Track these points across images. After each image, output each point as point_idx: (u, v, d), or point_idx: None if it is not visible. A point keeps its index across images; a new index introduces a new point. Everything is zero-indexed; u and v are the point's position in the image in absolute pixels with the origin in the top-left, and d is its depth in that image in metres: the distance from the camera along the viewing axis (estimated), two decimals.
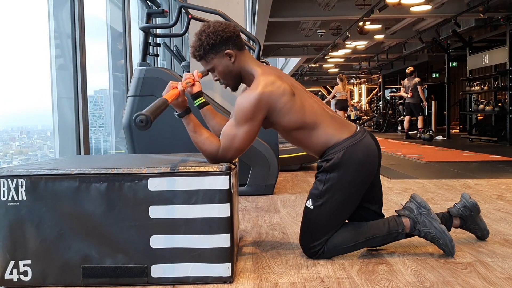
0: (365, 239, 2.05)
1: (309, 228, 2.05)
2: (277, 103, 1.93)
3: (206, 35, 1.93)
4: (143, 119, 1.63)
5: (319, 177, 2.03)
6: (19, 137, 4.18)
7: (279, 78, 1.97)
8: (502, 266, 1.91)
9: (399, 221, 2.07)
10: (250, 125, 1.92)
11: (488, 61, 9.83)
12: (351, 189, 2.02)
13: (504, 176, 4.63)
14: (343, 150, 1.98)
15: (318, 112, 2.03)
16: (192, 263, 1.78)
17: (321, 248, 2.02)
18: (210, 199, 1.78)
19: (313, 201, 2.03)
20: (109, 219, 1.78)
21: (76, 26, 3.45)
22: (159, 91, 3.66)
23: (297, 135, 2.04)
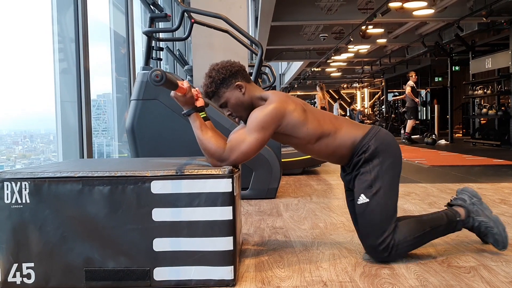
0: (431, 227, 2.06)
1: (372, 222, 2.01)
2: (290, 117, 2.01)
3: (216, 71, 2.05)
4: (158, 74, 1.66)
5: (362, 170, 2.05)
6: (22, 141, 4.19)
7: (290, 97, 2.09)
8: (506, 270, 1.90)
9: (454, 211, 2.12)
10: (261, 134, 1.96)
11: (491, 65, 9.82)
12: (394, 170, 2.08)
13: (508, 180, 4.62)
14: (373, 138, 2.07)
15: (333, 120, 2.12)
16: (195, 266, 1.78)
17: (391, 242, 1.97)
18: (213, 202, 1.78)
19: (366, 194, 2.03)
20: (112, 221, 1.79)
21: (80, 30, 3.47)
22: (162, 95, 3.71)
23: (321, 145, 2.07)
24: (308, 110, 2.07)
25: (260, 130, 1.96)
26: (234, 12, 4.75)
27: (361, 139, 2.07)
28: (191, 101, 1.96)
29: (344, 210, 3.25)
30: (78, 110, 3.47)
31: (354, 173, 2.09)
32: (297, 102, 2.06)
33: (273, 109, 1.98)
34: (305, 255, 2.17)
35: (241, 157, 1.96)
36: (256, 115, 1.98)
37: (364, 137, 2.07)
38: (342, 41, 12.05)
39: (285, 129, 2.02)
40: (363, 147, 2.05)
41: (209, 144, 1.93)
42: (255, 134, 1.95)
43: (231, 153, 1.93)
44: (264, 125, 1.96)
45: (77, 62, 3.47)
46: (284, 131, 2.03)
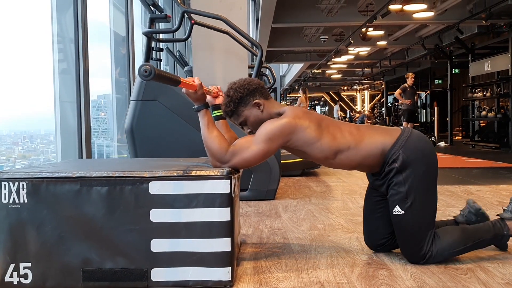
0: (473, 242, 2.04)
1: (410, 233, 2.01)
2: (301, 133, 1.98)
3: (233, 90, 2.06)
4: (147, 69, 1.64)
5: (395, 180, 2.01)
6: (22, 141, 4.20)
7: (306, 113, 2.05)
8: (502, 272, 1.91)
9: (503, 223, 2.09)
10: (267, 145, 1.96)
11: (490, 68, 9.83)
12: (429, 179, 2.04)
13: (506, 182, 4.62)
14: (403, 146, 2.01)
15: (354, 131, 2.06)
16: (192, 267, 1.78)
17: (429, 251, 1.98)
18: (211, 203, 1.78)
19: (401, 205, 2.00)
20: (109, 222, 1.79)
21: (79, 30, 3.48)
22: (161, 96, 3.71)
23: (342, 159, 2.04)
24: (324, 126, 2.03)
25: (266, 141, 1.96)
26: (234, 13, 4.75)
27: (391, 147, 2.01)
28: (203, 97, 1.97)
29: (342, 212, 3.26)
30: (77, 111, 3.48)
31: (387, 182, 2.05)
32: (312, 118, 2.03)
33: (284, 123, 1.98)
34: (303, 256, 2.17)
35: (241, 163, 1.96)
36: (266, 127, 1.99)
37: (394, 144, 2.01)
38: (342, 43, 12.07)
39: (296, 145, 2.01)
40: (393, 156, 2.00)
41: (212, 143, 1.93)
42: (261, 144, 1.96)
43: (233, 157, 1.94)
44: (271, 137, 1.96)
45: (77, 62, 3.48)
46: (295, 146, 2.02)
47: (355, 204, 3.55)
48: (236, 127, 3.63)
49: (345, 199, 3.82)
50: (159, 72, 1.68)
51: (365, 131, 2.09)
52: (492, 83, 10.38)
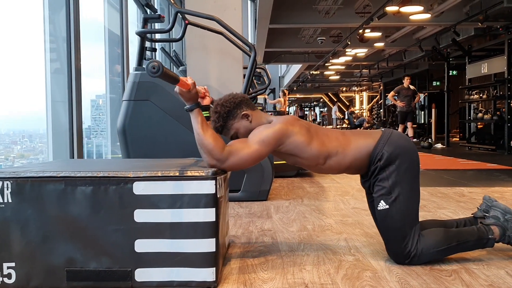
0: (457, 242, 2.06)
1: (395, 229, 2.02)
2: (293, 138, 2.04)
3: (220, 106, 2.12)
4: (155, 65, 1.67)
5: (379, 177, 2.05)
6: (21, 140, 4.19)
7: (296, 120, 2.12)
8: (487, 274, 1.91)
9: (488, 228, 2.11)
10: (261, 147, 2.00)
11: (487, 70, 9.84)
12: (412, 175, 2.07)
13: (499, 184, 4.63)
14: (386, 144, 2.06)
15: (340, 137, 2.12)
16: (177, 268, 1.78)
17: (413, 250, 1.99)
18: (196, 204, 1.79)
19: (385, 200, 2.03)
20: (94, 222, 1.79)
21: (71, 29, 3.47)
22: (154, 96, 3.71)
23: (332, 163, 2.09)
24: (313, 132, 2.09)
25: (261, 143, 2.00)
26: (229, 14, 4.75)
27: (375, 147, 2.06)
28: (195, 97, 1.98)
29: (333, 213, 3.26)
30: (69, 110, 3.47)
31: (372, 180, 2.09)
32: (302, 125, 2.09)
33: (277, 128, 2.03)
34: (290, 257, 2.17)
35: (237, 163, 1.97)
36: (261, 130, 2.04)
37: (377, 144, 2.07)
38: (339, 44, 12.09)
39: (288, 149, 2.06)
40: (378, 155, 2.05)
41: (207, 141, 1.93)
42: (257, 146, 2.00)
43: (230, 156, 1.95)
44: (266, 140, 2.00)
45: (68, 61, 3.47)
46: (286, 150, 2.06)
47: (347, 205, 3.55)
48: None
49: (337, 200, 3.82)
50: (165, 70, 1.72)
51: (350, 136, 2.15)
52: (488, 85, 10.38)
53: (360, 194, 3.93)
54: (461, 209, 3.32)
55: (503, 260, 2.09)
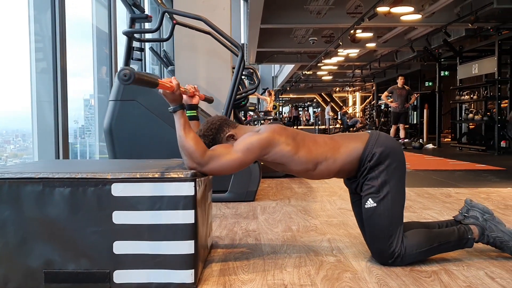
0: (439, 243, 2.08)
1: (378, 226, 2.03)
2: (279, 147, 2.03)
3: (203, 136, 2.13)
4: (127, 73, 1.63)
5: (368, 176, 2.06)
6: (14, 140, 4.17)
7: (283, 129, 2.11)
8: (466, 275, 1.92)
9: (467, 228, 2.13)
10: (245, 155, 1.99)
11: (477, 71, 9.89)
12: (399, 173, 2.09)
13: (486, 185, 4.65)
14: (375, 146, 2.07)
15: (328, 142, 2.12)
16: (155, 269, 1.77)
17: (397, 251, 2.00)
18: (175, 206, 1.78)
19: (373, 199, 2.04)
20: (72, 224, 1.78)
21: (57, 28, 3.45)
22: (140, 96, 3.70)
23: (322, 169, 2.09)
24: (299, 140, 2.08)
25: (245, 151, 1.99)
26: (218, 14, 4.75)
27: (364, 149, 2.07)
28: (179, 98, 1.96)
29: (319, 213, 3.27)
30: (54, 110, 3.45)
31: (360, 180, 2.10)
32: (289, 134, 2.08)
33: (263, 137, 2.02)
34: (272, 258, 2.17)
35: (217, 169, 1.97)
36: (246, 138, 2.04)
37: (366, 146, 2.08)
38: (331, 45, 12.10)
39: (274, 158, 2.05)
40: (368, 156, 2.06)
41: (188, 144, 1.92)
42: (239, 153, 1.99)
43: (210, 161, 1.94)
44: (250, 148, 1.99)
45: (54, 61, 3.45)
46: (273, 160, 2.06)
47: (333, 206, 3.56)
48: None
49: (324, 200, 3.82)
50: (138, 76, 1.68)
51: (339, 140, 2.15)
52: (479, 86, 10.44)
53: (348, 194, 3.93)
54: (447, 210, 3.34)
55: (483, 261, 2.10)
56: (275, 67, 25.76)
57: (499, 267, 2.02)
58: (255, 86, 5.62)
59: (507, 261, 2.10)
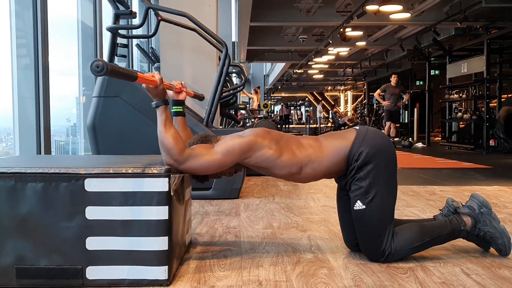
0: (430, 237, 2.07)
1: (370, 228, 2.02)
2: (261, 151, 2.00)
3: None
4: (99, 64, 1.61)
5: (357, 176, 2.03)
6: (6, 138, 4.12)
7: (267, 132, 2.07)
8: (441, 271, 1.92)
9: (460, 219, 2.12)
10: (224, 157, 1.97)
11: (466, 70, 9.94)
12: (389, 173, 2.05)
13: (471, 183, 4.68)
14: (361, 144, 2.03)
15: (313, 143, 2.08)
16: (129, 266, 1.76)
17: (388, 248, 2.00)
18: (148, 202, 1.76)
19: (362, 200, 2.01)
20: (44, 219, 1.75)
21: (38, 24, 3.41)
22: (124, 92, 3.68)
23: (308, 171, 2.05)
24: (283, 143, 2.05)
25: (224, 153, 1.97)
26: (204, 11, 4.75)
27: (351, 148, 2.03)
28: (163, 93, 1.95)
29: (302, 211, 3.26)
30: (36, 106, 3.42)
31: (349, 179, 2.06)
32: (272, 138, 2.05)
33: (245, 141, 1.99)
34: (250, 255, 2.16)
35: (195, 168, 1.95)
36: (228, 140, 2.02)
37: (353, 145, 2.04)
38: (321, 43, 12.11)
39: (257, 162, 2.02)
40: (354, 155, 2.02)
41: (167, 140, 1.91)
42: (219, 155, 1.96)
43: (188, 159, 1.92)
44: (230, 151, 1.97)
45: (35, 57, 3.42)
46: (255, 164, 2.03)
47: (317, 203, 3.56)
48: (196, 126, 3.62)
49: (308, 198, 3.82)
50: (112, 68, 1.65)
51: (323, 141, 2.11)
52: (468, 85, 10.49)
53: (333, 192, 3.94)
54: (429, 207, 3.34)
55: (461, 258, 2.11)
56: (267, 66, 25.76)
57: (476, 263, 2.03)
58: (241, 84, 5.61)
59: (485, 258, 2.10)
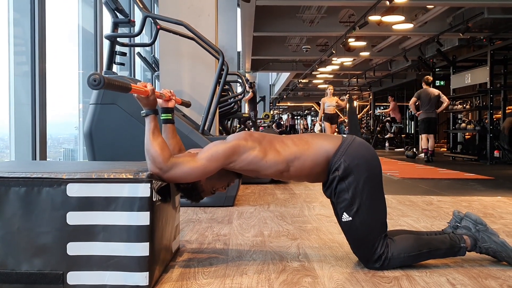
0: (429, 249, 2.06)
1: (360, 238, 2.02)
2: (245, 155, 2.00)
3: None
4: (96, 78, 1.64)
5: (339, 188, 2.02)
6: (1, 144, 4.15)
7: (249, 135, 2.08)
8: (427, 281, 1.89)
9: (460, 236, 2.11)
10: (208, 163, 1.96)
11: (470, 80, 9.91)
12: (373, 182, 2.04)
13: (470, 193, 4.63)
14: (344, 153, 2.03)
15: (297, 142, 2.08)
16: (110, 271, 1.75)
17: (383, 255, 1.99)
18: (130, 207, 1.76)
19: (348, 212, 2.01)
20: (26, 224, 1.75)
21: (36, 32, 3.45)
22: (120, 100, 3.70)
23: (296, 169, 2.05)
24: (266, 143, 2.05)
25: (208, 159, 1.97)
26: (203, 20, 4.77)
27: (334, 155, 2.03)
28: (154, 103, 1.97)
29: (295, 219, 3.25)
30: (32, 112, 3.44)
31: (332, 191, 2.07)
32: (254, 139, 2.05)
33: (228, 146, 1.99)
34: (236, 263, 2.15)
35: (179, 176, 1.95)
36: (211, 146, 2.02)
37: (336, 152, 2.03)
38: (325, 53, 12.13)
39: (242, 165, 2.02)
40: (335, 164, 2.01)
41: (153, 149, 1.92)
42: (203, 161, 1.96)
43: (173, 167, 1.93)
44: (214, 156, 1.97)
45: (32, 63, 3.45)
46: (241, 167, 2.03)
47: (311, 212, 3.54)
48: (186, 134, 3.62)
49: (303, 206, 3.80)
50: (108, 81, 1.68)
51: (308, 139, 2.11)
52: (471, 96, 10.45)
53: (329, 201, 3.92)
54: (424, 217, 3.31)
55: (448, 268, 2.08)
56: (273, 76, 25.84)
57: (462, 273, 2.00)
58: (241, 92, 5.62)
59: (472, 268, 2.08)
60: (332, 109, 11.22)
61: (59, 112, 4.81)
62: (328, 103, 11.21)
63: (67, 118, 5.08)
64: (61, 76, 4.84)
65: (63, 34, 4.64)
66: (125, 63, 5.76)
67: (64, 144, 5.25)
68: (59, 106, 4.68)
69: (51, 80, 3.92)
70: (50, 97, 3.92)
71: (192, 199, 2.13)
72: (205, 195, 2.14)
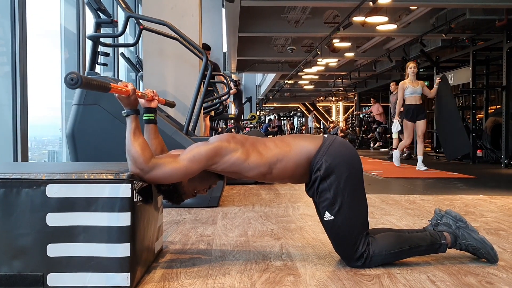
0: (409, 246, 2.07)
1: (342, 237, 2.03)
2: (227, 156, 2.00)
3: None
4: (74, 77, 1.62)
5: (321, 187, 2.04)
6: None
7: (232, 137, 2.08)
8: (407, 278, 1.91)
9: (440, 233, 2.13)
10: (190, 164, 1.96)
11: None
12: (354, 181, 2.06)
13: (452, 192, 4.69)
14: (325, 153, 2.04)
15: (279, 143, 2.09)
16: (91, 272, 1.74)
17: (365, 253, 2.01)
18: (111, 208, 1.75)
19: (330, 211, 2.03)
20: (5, 225, 1.73)
21: (16, 32, 3.41)
22: (103, 101, 3.67)
23: (279, 170, 2.05)
24: (249, 145, 2.05)
25: (190, 160, 1.96)
26: (187, 20, 4.76)
27: (315, 156, 2.04)
28: (135, 103, 1.96)
29: (279, 219, 3.25)
30: (13, 114, 3.40)
31: (314, 191, 2.08)
32: (237, 141, 2.05)
33: (212, 147, 1.99)
34: (219, 263, 2.15)
35: (160, 177, 1.94)
36: (193, 147, 2.01)
37: (317, 153, 2.05)
38: (310, 54, 12.18)
39: (224, 167, 2.02)
40: (317, 164, 2.03)
41: (134, 149, 1.91)
42: (185, 162, 1.96)
43: (154, 168, 1.91)
44: (196, 157, 1.96)
45: (13, 64, 3.40)
46: (223, 169, 2.03)
47: (296, 211, 3.55)
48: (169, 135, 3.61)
49: (288, 206, 3.81)
50: (86, 80, 1.66)
51: (290, 141, 2.12)
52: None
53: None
54: (407, 216, 3.35)
55: (429, 265, 2.10)
56: (259, 76, 25.86)
57: (443, 271, 2.03)
58: (225, 93, 5.62)
59: (452, 265, 2.10)
60: (417, 99, 7.26)
61: (43, 114, 4.77)
62: (412, 88, 7.26)
63: (51, 120, 5.03)
64: (44, 77, 4.79)
65: (45, 34, 4.59)
66: (109, 63, 5.74)
67: (48, 146, 5.20)
68: (42, 107, 4.63)
69: (33, 81, 3.89)
70: (33, 98, 3.89)
71: (173, 201, 2.13)
72: (187, 197, 2.14)
